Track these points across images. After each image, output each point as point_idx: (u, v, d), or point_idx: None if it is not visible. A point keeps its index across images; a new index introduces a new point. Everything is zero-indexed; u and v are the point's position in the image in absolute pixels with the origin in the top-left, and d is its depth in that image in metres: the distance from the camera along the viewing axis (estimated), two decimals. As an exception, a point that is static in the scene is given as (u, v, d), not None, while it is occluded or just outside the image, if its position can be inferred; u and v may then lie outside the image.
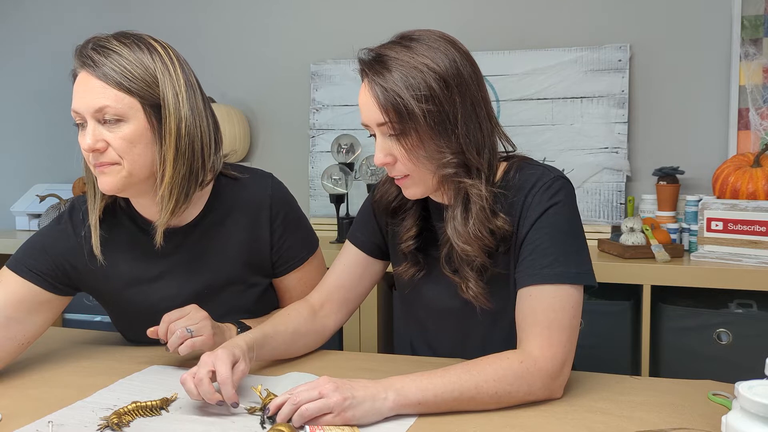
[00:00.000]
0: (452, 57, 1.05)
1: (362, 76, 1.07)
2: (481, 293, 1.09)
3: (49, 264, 1.20)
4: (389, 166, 1.08)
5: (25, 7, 3.02)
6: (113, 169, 1.11)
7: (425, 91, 1.01)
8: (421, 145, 1.04)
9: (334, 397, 0.90)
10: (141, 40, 1.13)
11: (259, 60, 2.73)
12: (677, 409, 0.97)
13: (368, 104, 1.05)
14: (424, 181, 1.08)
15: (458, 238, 1.07)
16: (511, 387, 0.97)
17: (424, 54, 1.03)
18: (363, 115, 1.08)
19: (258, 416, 0.96)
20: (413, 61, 1.02)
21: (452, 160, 1.05)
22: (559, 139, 2.32)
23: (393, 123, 1.03)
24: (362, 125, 1.09)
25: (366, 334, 2.11)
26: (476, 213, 1.06)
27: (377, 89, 1.03)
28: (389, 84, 1.02)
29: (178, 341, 1.10)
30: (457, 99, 1.04)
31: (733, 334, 1.81)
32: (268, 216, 1.27)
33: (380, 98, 1.02)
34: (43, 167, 3.00)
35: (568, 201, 1.08)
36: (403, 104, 1.01)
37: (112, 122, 1.08)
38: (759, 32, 2.16)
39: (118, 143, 1.09)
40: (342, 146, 2.41)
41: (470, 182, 1.06)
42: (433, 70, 1.02)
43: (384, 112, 1.03)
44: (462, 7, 2.47)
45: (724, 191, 1.90)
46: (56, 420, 0.94)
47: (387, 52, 1.04)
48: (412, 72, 1.02)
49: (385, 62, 1.03)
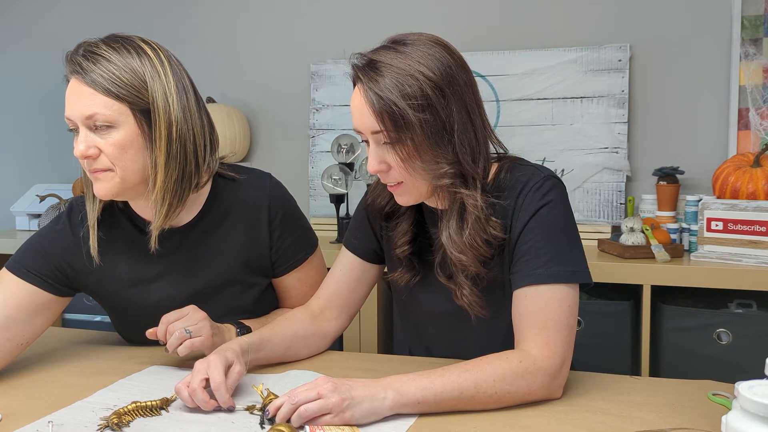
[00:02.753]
0: (447, 63, 1.03)
1: (355, 81, 1.05)
2: (476, 301, 1.09)
3: (48, 265, 1.20)
4: (383, 173, 1.07)
5: (25, 7, 3.02)
6: (106, 176, 1.11)
7: (421, 99, 0.99)
8: (417, 154, 1.02)
9: (333, 397, 0.90)
10: (131, 43, 1.11)
11: (259, 60, 2.73)
12: (677, 409, 0.97)
13: (362, 111, 1.03)
14: (418, 188, 1.07)
15: (453, 247, 1.06)
16: (511, 387, 0.97)
17: (419, 60, 1.01)
18: (356, 122, 1.06)
19: (257, 416, 0.96)
20: (408, 68, 1.00)
21: (449, 170, 1.04)
22: (559, 139, 2.32)
23: (388, 131, 1.01)
24: (354, 131, 1.08)
25: (366, 334, 2.11)
26: (472, 223, 1.05)
27: (372, 96, 1.00)
28: (384, 92, 0.99)
29: (177, 342, 1.10)
30: (453, 107, 1.02)
31: (733, 334, 1.81)
32: (266, 216, 1.27)
33: (375, 105, 1.00)
34: (43, 167, 3.00)
35: (560, 200, 1.07)
36: (399, 113, 0.99)
37: (102, 129, 1.08)
38: (759, 32, 2.16)
39: (109, 149, 1.09)
40: (342, 146, 2.41)
41: (467, 192, 1.05)
42: (429, 77, 1.00)
43: (379, 120, 1.01)
44: (462, 7, 2.47)
45: (724, 191, 1.90)
46: (56, 420, 0.94)
47: (380, 58, 1.02)
48: (407, 79, 1.00)
49: (378, 68, 1.01)
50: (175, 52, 1.18)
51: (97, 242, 1.19)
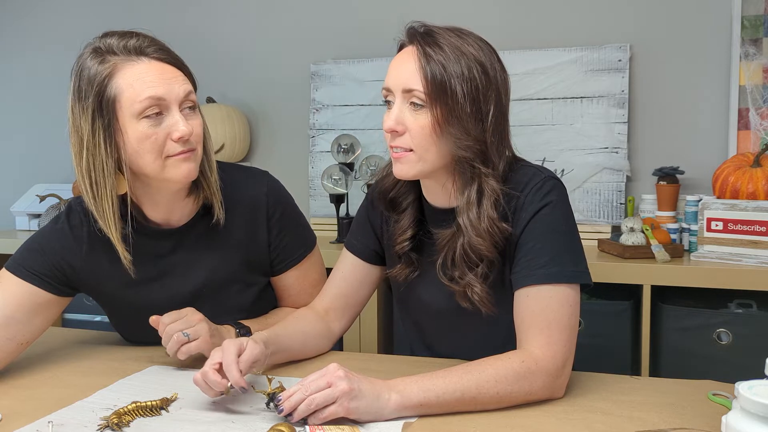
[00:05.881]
0: (493, 60, 1.08)
1: (408, 42, 1.08)
2: (486, 298, 1.08)
3: (47, 265, 1.20)
4: (396, 135, 1.07)
5: (26, 6, 3.02)
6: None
7: (470, 76, 1.04)
8: (449, 122, 1.04)
9: (342, 384, 0.90)
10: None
11: (259, 60, 2.73)
12: (677, 409, 0.97)
13: (407, 68, 1.05)
14: (426, 159, 1.07)
15: (472, 231, 1.06)
16: (512, 387, 0.97)
17: (473, 46, 1.06)
18: (392, 78, 1.07)
19: (264, 399, 0.96)
20: (462, 48, 1.05)
21: (474, 145, 1.05)
22: (559, 139, 2.32)
23: (428, 93, 1.03)
24: (384, 89, 1.09)
25: (366, 334, 2.11)
26: (489, 207, 1.06)
27: (425, 59, 1.04)
28: (438, 56, 1.03)
29: (176, 346, 1.10)
30: (492, 98, 1.06)
31: (733, 334, 1.81)
32: (264, 214, 1.27)
33: (426, 68, 1.03)
34: (43, 167, 3.00)
35: (561, 200, 1.08)
36: (446, 79, 1.02)
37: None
38: (759, 32, 2.16)
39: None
40: (342, 146, 2.41)
41: (486, 171, 1.06)
42: (479, 62, 1.05)
43: (424, 80, 1.03)
44: (462, 7, 2.47)
45: (724, 191, 1.90)
46: (56, 420, 0.94)
47: (439, 31, 1.07)
48: (461, 56, 1.04)
49: (435, 38, 1.06)
50: (176, 51, 1.18)
51: (124, 251, 1.16)
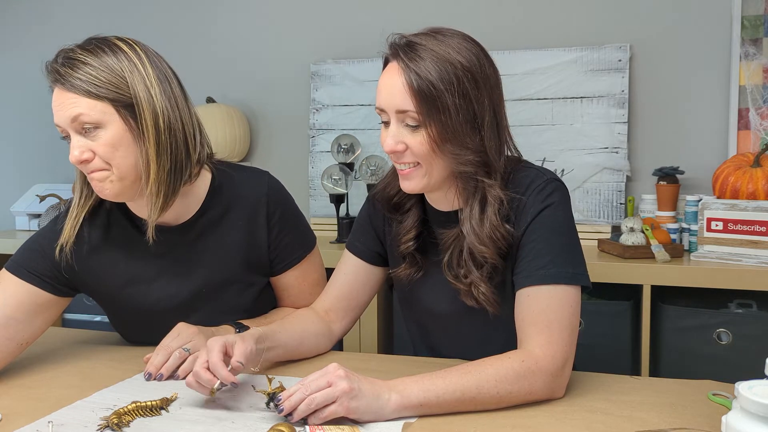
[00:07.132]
0: (480, 58, 1.05)
1: (391, 59, 1.06)
2: (491, 296, 1.08)
3: (47, 265, 1.20)
4: (398, 153, 1.06)
5: (26, 6, 3.02)
6: (103, 175, 1.12)
7: (458, 86, 1.01)
8: (445, 139, 1.03)
9: (342, 384, 0.90)
10: (105, 43, 1.12)
11: (259, 60, 2.73)
12: (677, 409, 0.97)
13: (396, 89, 1.03)
14: (433, 173, 1.07)
15: (476, 239, 1.06)
16: (513, 387, 0.97)
17: (457, 50, 1.03)
18: (383, 99, 1.05)
19: (265, 399, 0.95)
20: (447, 55, 1.02)
21: (474, 158, 1.04)
22: (559, 139, 2.32)
23: (419, 113, 1.01)
24: (377, 108, 1.07)
25: (366, 334, 2.11)
26: (493, 214, 1.06)
27: (411, 75, 1.01)
28: (423, 72, 1.01)
29: (179, 361, 1.12)
30: (484, 100, 1.04)
31: (733, 334, 1.81)
32: (264, 214, 1.27)
33: (414, 85, 1.01)
34: (43, 167, 3.00)
35: (562, 202, 1.08)
36: (435, 94, 1.00)
37: (91, 131, 1.09)
38: (759, 32, 2.16)
39: (101, 150, 1.10)
40: (342, 146, 2.41)
41: (489, 182, 1.06)
42: (465, 67, 1.02)
43: (414, 99, 1.01)
44: (462, 7, 2.47)
45: (724, 191, 1.90)
46: (56, 420, 0.94)
47: (420, 41, 1.04)
48: (445, 65, 1.01)
49: (418, 50, 1.02)
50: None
51: (73, 238, 1.19)
